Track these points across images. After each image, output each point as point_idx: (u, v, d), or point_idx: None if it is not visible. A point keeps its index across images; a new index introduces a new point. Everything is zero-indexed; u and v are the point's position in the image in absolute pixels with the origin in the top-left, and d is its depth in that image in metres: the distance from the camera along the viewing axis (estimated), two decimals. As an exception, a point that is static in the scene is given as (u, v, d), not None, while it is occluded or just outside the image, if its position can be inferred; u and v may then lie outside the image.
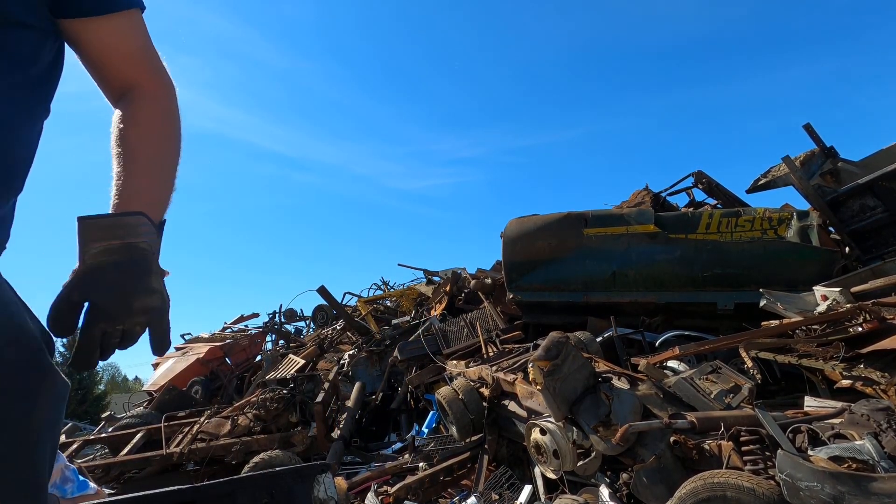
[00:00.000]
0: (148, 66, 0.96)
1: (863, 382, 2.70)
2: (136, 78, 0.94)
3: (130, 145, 0.87)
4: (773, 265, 4.64)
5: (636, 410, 2.70)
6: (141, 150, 0.88)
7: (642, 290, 5.20)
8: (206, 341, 10.67)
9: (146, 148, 0.89)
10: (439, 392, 4.18)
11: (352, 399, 5.97)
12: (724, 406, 2.75)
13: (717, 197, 6.70)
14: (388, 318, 8.95)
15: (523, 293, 5.73)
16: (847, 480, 1.67)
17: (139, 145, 0.88)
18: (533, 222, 5.71)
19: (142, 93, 0.93)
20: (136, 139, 0.88)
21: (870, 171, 4.65)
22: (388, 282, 12.62)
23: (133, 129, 0.89)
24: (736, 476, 1.97)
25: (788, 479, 1.79)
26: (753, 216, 4.96)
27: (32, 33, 0.78)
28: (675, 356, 3.51)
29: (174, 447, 4.91)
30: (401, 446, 5.26)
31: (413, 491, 3.65)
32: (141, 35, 0.95)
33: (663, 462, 2.40)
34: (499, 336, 5.72)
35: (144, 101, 0.93)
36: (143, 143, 0.89)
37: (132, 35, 0.93)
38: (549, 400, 2.69)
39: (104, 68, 0.93)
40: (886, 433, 1.90)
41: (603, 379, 2.92)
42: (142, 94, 0.93)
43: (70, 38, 0.88)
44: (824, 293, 3.65)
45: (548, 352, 2.69)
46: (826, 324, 3.18)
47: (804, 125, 5.06)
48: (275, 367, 8.17)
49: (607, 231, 5.34)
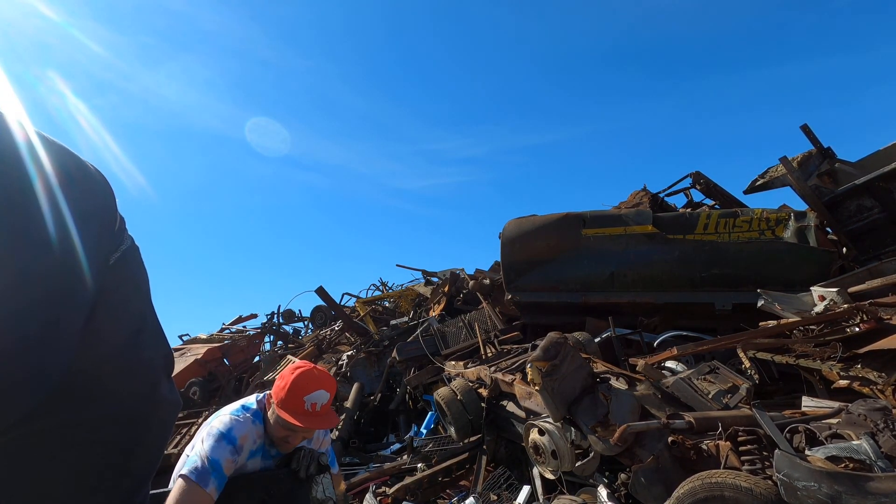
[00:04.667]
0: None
1: (860, 382, 2.71)
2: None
3: None
4: (771, 265, 4.65)
5: (634, 410, 2.71)
6: None
7: (640, 291, 5.21)
8: (204, 342, 10.65)
9: None
10: (438, 393, 4.18)
11: (350, 400, 5.97)
12: (722, 406, 2.75)
13: (714, 197, 6.71)
14: (387, 319, 8.96)
15: (522, 294, 5.74)
16: (844, 480, 1.67)
17: None
18: (531, 223, 5.71)
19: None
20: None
21: (867, 171, 4.66)
22: (386, 282, 12.64)
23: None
24: (734, 476, 1.97)
25: (786, 478, 1.79)
26: (751, 217, 4.98)
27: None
28: (673, 356, 3.52)
29: (172, 448, 4.90)
30: (399, 447, 5.26)
31: (411, 491, 3.65)
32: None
33: (661, 462, 2.41)
34: (497, 336, 5.72)
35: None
36: None
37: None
38: (547, 400, 2.69)
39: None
40: (883, 433, 1.90)
41: (601, 379, 2.92)
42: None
43: None
44: (822, 293, 3.66)
45: (546, 352, 2.69)
46: (823, 324, 3.18)
47: (801, 126, 5.08)
48: (273, 367, 8.17)
49: (605, 231, 5.35)
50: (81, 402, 0.66)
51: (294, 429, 1.66)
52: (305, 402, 1.63)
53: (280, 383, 1.68)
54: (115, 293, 0.70)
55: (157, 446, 0.79)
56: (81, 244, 0.60)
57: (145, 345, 0.76)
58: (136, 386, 0.73)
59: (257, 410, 1.75)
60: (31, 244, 0.56)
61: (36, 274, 0.56)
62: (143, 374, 0.75)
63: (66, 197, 0.59)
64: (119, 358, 0.71)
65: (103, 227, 0.68)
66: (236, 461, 1.60)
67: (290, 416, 1.62)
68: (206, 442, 1.59)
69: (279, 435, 1.69)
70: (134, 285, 0.76)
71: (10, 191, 0.55)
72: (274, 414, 1.68)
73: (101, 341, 0.68)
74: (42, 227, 0.56)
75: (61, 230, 0.58)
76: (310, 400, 1.64)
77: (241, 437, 1.63)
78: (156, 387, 0.76)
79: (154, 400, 0.76)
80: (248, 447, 1.65)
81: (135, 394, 0.73)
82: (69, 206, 0.59)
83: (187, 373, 9.09)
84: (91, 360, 0.66)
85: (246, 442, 1.65)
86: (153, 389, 0.76)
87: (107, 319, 0.69)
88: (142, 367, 0.75)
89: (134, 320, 0.75)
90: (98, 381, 0.68)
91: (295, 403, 1.63)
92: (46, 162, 0.59)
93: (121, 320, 0.72)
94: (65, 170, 0.61)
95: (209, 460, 1.54)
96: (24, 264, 0.55)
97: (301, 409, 1.63)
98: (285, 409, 1.64)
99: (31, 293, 0.55)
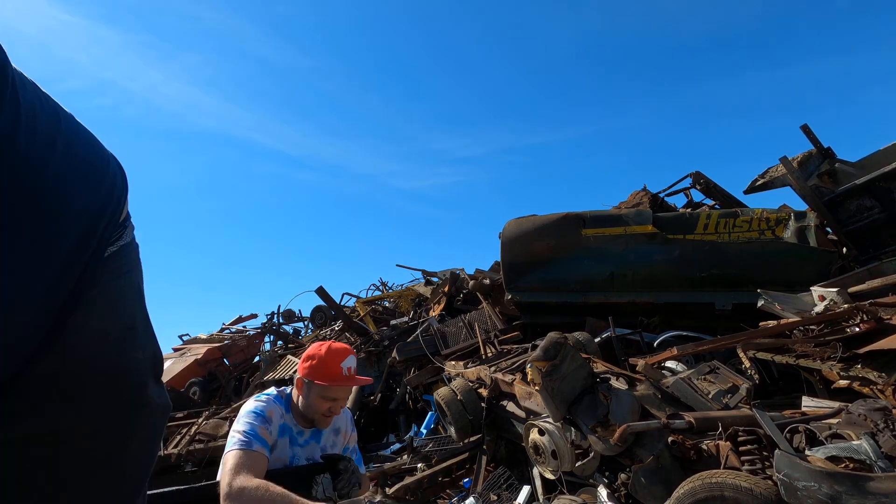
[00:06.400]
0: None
1: (860, 382, 2.71)
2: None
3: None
4: (771, 265, 4.65)
5: (634, 410, 2.70)
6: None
7: (640, 291, 5.21)
8: (204, 342, 10.66)
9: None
10: (438, 393, 4.18)
11: (350, 400, 5.97)
12: (722, 406, 2.75)
13: (714, 197, 6.71)
14: (387, 319, 8.96)
15: (522, 294, 5.74)
16: (844, 480, 1.67)
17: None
18: (531, 223, 5.71)
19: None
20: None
21: (867, 171, 4.66)
22: (386, 282, 12.65)
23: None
24: (734, 476, 1.97)
25: (786, 478, 1.79)
26: (751, 217, 4.98)
27: None
28: (673, 356, 3.52)
29: (172, 448, 4.90)
30: (399, 447, 5.26)
31: (412, 491, 3.65)
32: None
33: (661, 462, 2.41)
34: (497, 336, 5.72)
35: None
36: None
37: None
38: (547, 400, 2.69)
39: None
40: (883, 433, 1.90)
41: (601, 379, 2.92)
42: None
43: None
44: (822, 293, 3.66)
45: (546, 352, 2.69)
46: (823, 324, 3.18)
47: (802, 126, 5.08)
48: (273, 367, 8.17)
49: (605, 231, 5.35)
50: (66, 404, 0.63)
51: (337, 395, 1.82)
52: (343, 369, 1.80)
53: (311, 362, 1.82)
54: (107, 288, 0.67)
55: (148, 451, 0.77)
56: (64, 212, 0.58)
57: (134, 345, 0.73)
58: (123, 387, 0.70)
59: (277, 395, 1.88)
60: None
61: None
62: (130, 375, 0.71)
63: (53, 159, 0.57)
64: (107, 357, 0.68)
65: (100, 210, 0.64)
66: (269, 429, 1.74)
67: (333, 382, 1.78)
68: (236, 425, 1.74)
69: (322, 408, 1.82)
70: (128, 282, 0.73)
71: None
72: (312, 389, 1.81)
73: (88, 338, 0.65)
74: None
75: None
76: (346, 366, 1.81)
77: (267, 411, 1.77)
78: (143, 388, 0.73)
79: (141, 403, 0.73)
80: (276, 420, 1.79)
81: (123, 396, 0.70)
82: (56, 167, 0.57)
83: (187, 373, 9.10)
84: (77, 357, 0.64)
85: (273, 415, 1.78)
86: (141, 391, 0.73)
87: (95, 315, 0.66)
88: (130, 368, 0.72)
89: (125, 318, 0.72)
90: (84, 381, 0.65)
91: (334, 371, 1.79)
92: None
93: (110, 318, 0.69)
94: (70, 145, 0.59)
95: (244, 432, 1.68)
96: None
97: (340, 375, 1.79)
98: (325, 378, 1.78)
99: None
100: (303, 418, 1.86)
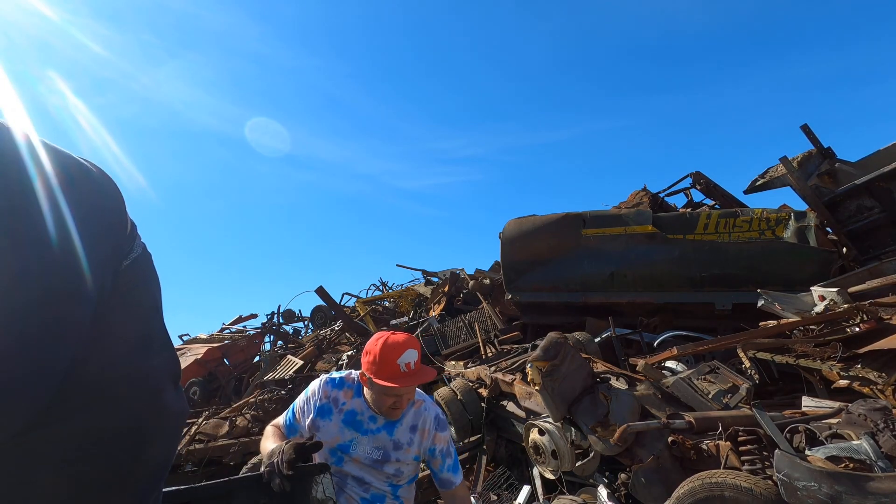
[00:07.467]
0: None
1: (860, 382, 2.71)
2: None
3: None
4: (771, 265, 4.65)
5: (634, 410, 2.71)
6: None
7: (640, 291, 5.21)
8: (204, 342, 10.65)
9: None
10: (438, 392, 4.18)
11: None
12: (722, 406, 2.75)
13: (714, 197, 6.71)
14: (387, 319, 8.95)
15: (522, 294, 5.74)
16: (844, 480, 1.67)
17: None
18: (531, 223, 5.71)
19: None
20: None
21: (867, 171, 4.66)
22: (386, 282, 12.64)
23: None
24: (734, 476, 1.97)
25: (786, 478, 1.79)
26: (751, 217, 4.97)
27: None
28: (673, 356, 3.52)
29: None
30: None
31: (411, 491, 3.64)
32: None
33: (661, 462, 2.41)
34: (497, 336, 5.72)
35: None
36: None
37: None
38: (547, 400, 2.69)
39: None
40: (883, 433, 1.90)
41: (601, 379, 2.92)
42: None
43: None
44: (822, 293, 3.66)
45: (546, 352, 2.70)
46: (823, 324, 3.18)
47: (802, 126, 5.08)
48: (273, 367, 8.17)
49: (605, 231, 5.35)
50: (87, 410, 0.66)
51: (398, 392, 1.75)
52: (400, 366, 1.70)
53: (368, 358, 1.75)
54: (125, 298, 0.70)
55: (165, 455, 0.79)
56: (82, 244, 0.60)
57: (153, 352, 0.76)
58: (141, 394, 0.73)
59: (353, 378, 1.89)
60: (30, 243, 0.56)
61: (35, 273, 0.56)
62: (149, 382, 0.74)
63: (67, 198, 0.60)
64: (126, 365, 0.71)
65: (108, 229, 0.67)
66: (330, 391, 1.80)
67: (390, 383, 1.69)
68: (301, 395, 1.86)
69: (388, 404, 1.77)
70: (145, 291, 0.76)
71: (11, 192, 0.55)
72: (374, 386, 1.75)
73: (109, 347, 0.68)
74: (42, 227, 0.57)
75: (61, 230, 0.58)
76: (403, 362, 1.71)
77: (322, 390, 1.81)
78: (161, 394, 0.76)
79: (159, 408, 0.76)
80: (337, 398, 1.81)
81: (141, 402, 0.72)
82: (69, 206, 0.60)
83: (187, 373, 9.08)
84: (98, 366, 0.66)
85: (354, 383, 1.82)
86: (158, 397, 0.76)
87: (115, 325, 0.69)
88: (149, 375, 0.75)
89: (143, 327, 0.75)
90: (104, 388, 0.68)
91: (391, 369, 1.70)
92: (47, 163, 0.59)
93: (129, 326, 0.72)
94: (65, 171, 0.61)
95: (285, 413, 1.87)
96: (24, 263, 0.55)
97: (398, 373, 1.70)
98: (383, 378, 1.70)
99: (30, 292, 0.55)
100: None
